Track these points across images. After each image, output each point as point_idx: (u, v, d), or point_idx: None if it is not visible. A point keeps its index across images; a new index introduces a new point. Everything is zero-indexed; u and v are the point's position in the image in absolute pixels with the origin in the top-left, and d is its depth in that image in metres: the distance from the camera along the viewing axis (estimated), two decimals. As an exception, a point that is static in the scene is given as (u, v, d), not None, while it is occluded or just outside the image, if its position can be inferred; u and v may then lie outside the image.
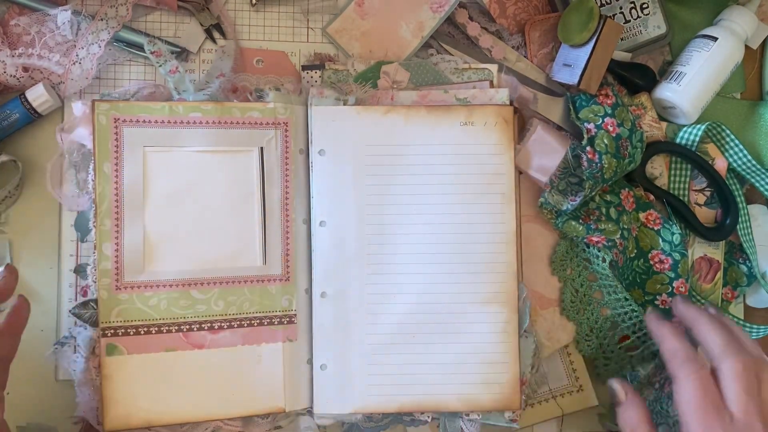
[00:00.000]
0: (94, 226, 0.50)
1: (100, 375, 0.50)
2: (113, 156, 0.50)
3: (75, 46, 0.54)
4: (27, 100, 0.53)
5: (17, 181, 0.54)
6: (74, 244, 0.54)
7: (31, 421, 0.55)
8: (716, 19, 0.59)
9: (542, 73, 0.58)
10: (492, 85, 0.56)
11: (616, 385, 0.49)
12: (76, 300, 0.54)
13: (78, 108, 0.51)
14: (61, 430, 0.55)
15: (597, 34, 0.53)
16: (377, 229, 0.53)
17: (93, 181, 0.50)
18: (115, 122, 0.50)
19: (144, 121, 0.51)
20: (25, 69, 0.54)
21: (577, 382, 0.59)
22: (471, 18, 0.58)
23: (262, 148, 0.52)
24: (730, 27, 0.57)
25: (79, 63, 0.54)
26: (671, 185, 0.59)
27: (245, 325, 0.52)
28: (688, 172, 0.59)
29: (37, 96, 0.53)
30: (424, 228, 0.54)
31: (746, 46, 0.60)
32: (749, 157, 0.58)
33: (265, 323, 0.52)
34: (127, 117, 0.51)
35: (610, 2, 0.57)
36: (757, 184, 0.59)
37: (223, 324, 0.52)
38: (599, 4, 0.58)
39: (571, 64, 0.55)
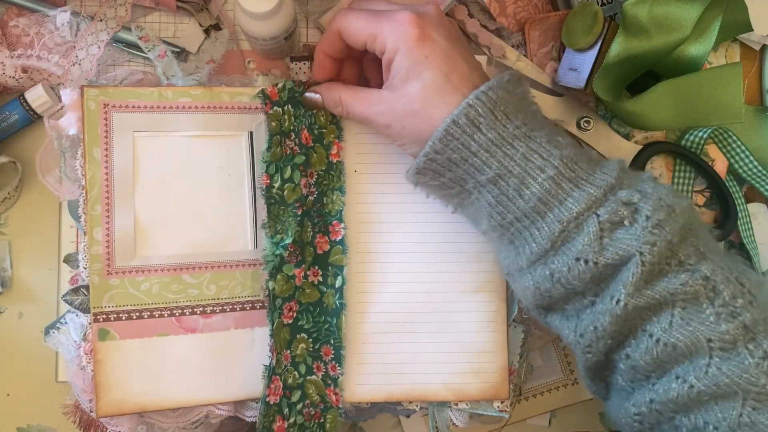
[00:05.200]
0: (84, 212, 0.50)
1: (92, 360, 0.50)
2: (103, 141, 0.50)
3: (74, 47, 0.54)
4: (26, 101, 0.53)
5: (17, 182, 0.54)
6: (74, 245, 0.54)
7: (31, 422, 0.55)
8: None
9: (542, 73, 0.58)
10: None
11: (307, 95, 0.51)
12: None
13: (66, 95, 0.50)
14: (61, 430, 0.55)
15: (602, 38, 0.53)
16: (366, 217, 0.53)
17: (82, 167, 0.50)
18: (104, 108, 0.50)
19: (133, 107, 0.51)
20: (24, 70, 0.54)
21: (571, 375, 0.59)
22: (470, 15, 0.58)
23: (251, 133, 0.53)
24: None
25: (79, 64, 0.54)
26: (674, 187, 0.59)
27: (238, 309, 0.52)
28: (692, 176, 0.59)
29: (37, 97, 0.53)
30: (413, 216, 0.54)
31: (746, 46, 0.60)
32: (755, 162, 0.58)
33: (258, 307, 0.52)
34: (117, 102, 0.51)
35: (611, 2, 0.57)
36: (762, 189, 0.59)
37: (215, 308, 0.52)
38: (600, 4, 0.58)
39: (577, 68, 0.55)
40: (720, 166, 0.59)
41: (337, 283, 0.52)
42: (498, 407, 0.54)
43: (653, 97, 0.53)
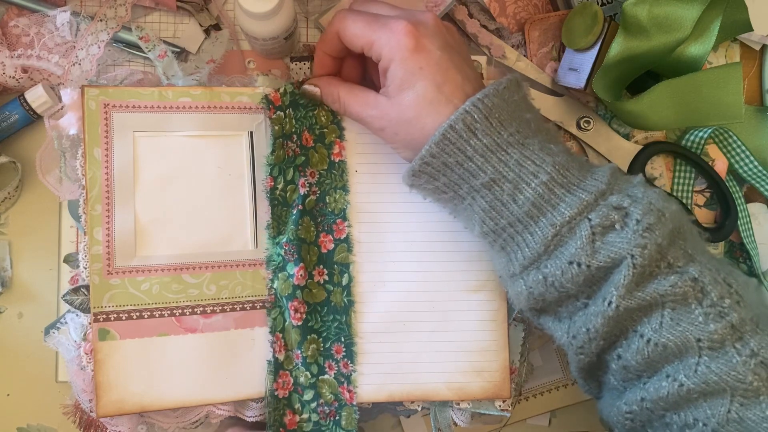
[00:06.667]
0: (84, 212, 0.50)
1: (92, 360, 0.50)
2: (103, 141, 0.50)
3: (74, 47, 0.54)
4: (26, 101, 0.53)
5: (17, 182, 0.54)
6: (74, 245, 0.54)
7: (31, 422, 0.55)
8: None
9: (542, 73, 0.58)
10: (482, 78, 0.56)
11: (305, 86, 0.52)
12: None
13: (67, 95, 0.50)
14: (61, 430, 0.55)
15: (602, 38, 0.53)
16: (367, 216, 0.54)
17: (82, 167, 0.50)
18: (104, 107, 0.50)
19: (134, 107, 0.51)
20: (25, 70, 0.54)
21: (571, 375, 0.59)
22: (470, 15, 0.58)
23: (251, 133, 0.53)
24: None
25: (79, 64, 0.54)
26: (674, 187, 0.59)
27: (238, 309, 0.52)
28: (692, 176, 0.59)
29: (37, 97, 0.53)
30: (414, 216, 0.54)
31: (746, 46, 0.60)
32: (756, 162, 0.58)
33: (258, 307, 0.52)
34: (117, 102, 0.51)
35: (611, 2, 0.57)
36: (762, 189, 0.59)
37: (215, 308, 0.52)
38: (600, 4, 0.58)
39: (577, 68, 0.55)
40: (720, 166, 0.59)
41: (344, 281, 0.53)
42: (500, 406, 0.54)
43: (653, 97, 0.53)
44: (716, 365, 0.40)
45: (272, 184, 0.52)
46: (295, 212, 0.52)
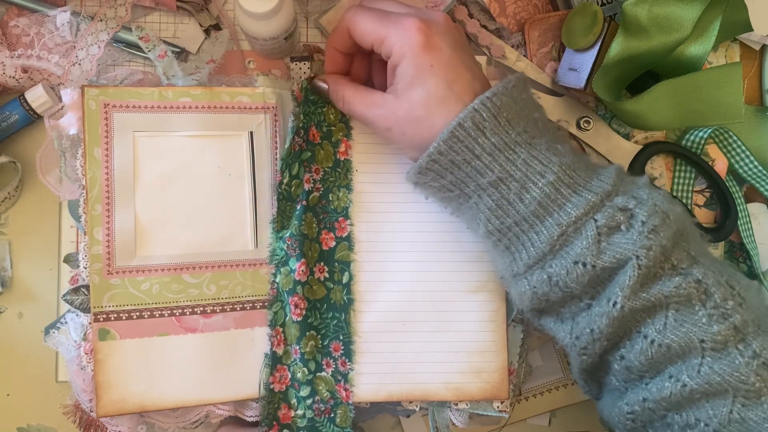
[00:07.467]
0: (84, 212, 0.50)
1: (92, 360, 0.50)
2: (103, 141, 0.50)
3: (74, 47, 0.54)
4: (26, 101, 0.53)
5: (17, 182, 0.54)
6: (74, 245, 0.54)
7: (31, 422, 0.55)
8: None
9: (542, 73, 0.58)
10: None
11: (315, 82, 0.52)
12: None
13: (67, 95, 0.50)
14: (61, 430, 0.55)
15: (602, 38, 0.53)
16: (369, 216, 0.54)
17: (82, 166, 0.50)
18: (105, 107, 0.50)
19: (134, 107, 0.51)
20: (25, 70, 0.54)
21: (571, 376, 0.59)
22: (470, 15, 0.58)
23: (251, 133, 0.53)
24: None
25: (79, 64, 0.54)
26: (674, 187, 0.59)
27: (238, 308, 0.52)
28: (692, 176, 0.59)
29: (37, 97, 0.53)
30: (415, 216, 0.54)
31: (746, 46, 0.60)
32: (756, 162, 0.58)
33: (258, 307, 0.53)
34: (117, 102, 0.51)
35: (611, 2, 0.57)
36: (762, 189, 0.59)
37: (215, 308, 0.52)
38: (600, 4, 0.58)
39: (577, 68, 0.55)
40: (720, 166, 0.59)
41: (344, 279, 0.53)
42: (498, 407, 0.54)
43: (653, 97, 0.53)
44: (719, 366, 0.40)
45: (280, 178, 0.52)
46: (298, 207, 0.52)
